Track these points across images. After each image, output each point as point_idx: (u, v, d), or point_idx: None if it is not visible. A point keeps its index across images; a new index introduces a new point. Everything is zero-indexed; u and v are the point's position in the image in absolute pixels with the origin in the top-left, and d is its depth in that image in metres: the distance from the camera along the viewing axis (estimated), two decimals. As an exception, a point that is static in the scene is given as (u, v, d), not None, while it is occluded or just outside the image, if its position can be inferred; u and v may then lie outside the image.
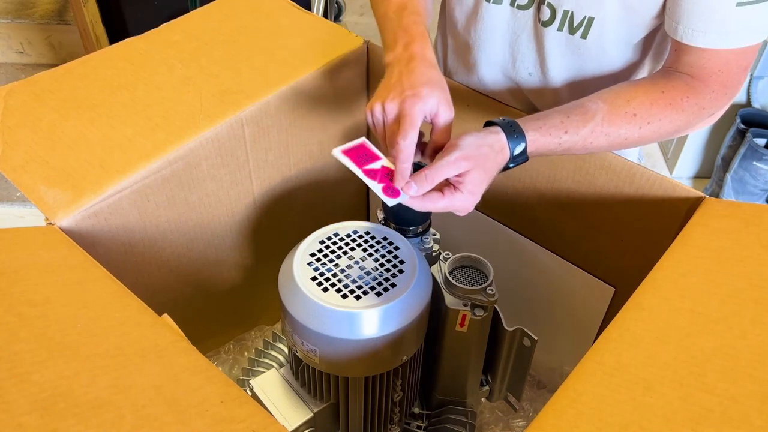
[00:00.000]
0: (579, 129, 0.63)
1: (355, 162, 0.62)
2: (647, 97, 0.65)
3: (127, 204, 0.69)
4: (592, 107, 0.65)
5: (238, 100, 0.78)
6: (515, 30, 0.78)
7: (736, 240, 0.61)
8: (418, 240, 0.74)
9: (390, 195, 0.61)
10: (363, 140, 0.64)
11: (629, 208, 0.75)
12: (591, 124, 0.64)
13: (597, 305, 0.84)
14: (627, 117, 0.65)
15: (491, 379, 0.80)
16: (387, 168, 0.62)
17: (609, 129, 0.64)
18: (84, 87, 0.79)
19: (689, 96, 0.66)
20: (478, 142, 0.61)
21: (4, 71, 2.20)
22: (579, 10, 0.71)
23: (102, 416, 0.43)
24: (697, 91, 0.66)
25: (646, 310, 0.54)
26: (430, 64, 0.64)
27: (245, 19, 0.93)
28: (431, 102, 0.61)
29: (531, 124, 0.63)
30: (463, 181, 0.59)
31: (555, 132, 0.63)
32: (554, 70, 0.79)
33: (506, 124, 0.63)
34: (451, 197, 0.60)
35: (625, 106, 0.65)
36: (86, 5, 1.82)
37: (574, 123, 0.64)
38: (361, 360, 0.63)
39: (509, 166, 0.63)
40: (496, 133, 0.62)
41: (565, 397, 0.46)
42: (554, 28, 0.74)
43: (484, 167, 0.60)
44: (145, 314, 0.53)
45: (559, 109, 0.66)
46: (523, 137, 0.62)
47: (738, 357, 0.48)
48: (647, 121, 0.65)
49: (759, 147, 1.77)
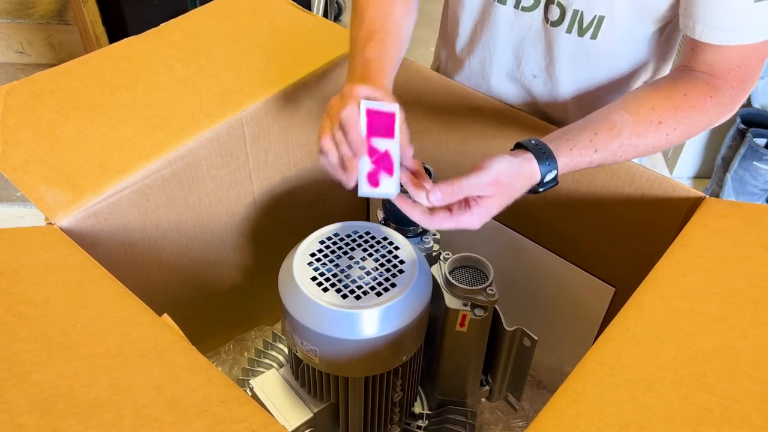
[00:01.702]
0: (608, 146, 0.63)
1: (368, 128, 0.57)
2: (671, 102, 0.65)
3: (127, 204, 0.69)
4: (618, 120, 0.63)
5: (238, 100, 0.78)
6: (519, 32, 0.77)
7: (736, 240, 0.61)
8: (418, 240, 0.74)
9: (370, 182, 0.56)
10: (395, 109, 0.59)
11: (629, 208, 0.75)
12: (619, 139, 0.63)
13: (597, 305, 0.84)
14: (653, 126, 0.64)
15: (491, 379, 0.80)
16: (389, 153, 0.58)
17: (637, 141, 0.64)
18: (84, 87, 0.79)
19: (711, 96, 0.65)
20: (511, 170, 0.59)
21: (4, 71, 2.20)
22: (589, 9, 0.71)
23: (102, 416, 0.43)
24: (718, 90, 0.65)
25: (646, 310, 0.54)
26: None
27: (245, 19, 0.93)
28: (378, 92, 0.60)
29: (561, 146, 0.62)
30: (480, 203, 0.58)
31: (585, 152, 0.62)
32: (560, 71, 0.78)
33: (538, 149, 0.61)
34: (458, 217, 0.58)
35: (650, 114, 0.64)
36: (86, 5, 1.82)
37: (602, 140, 0.63)
38: (361, 360, 0.63)
39: (538, 190, 0.62)
40: (529, 161, 0.60)
41: (565, 397, 0.46)
42: (563, 29, 0.74)
43: (506, 195, 0.59)
44: (145, 314, 0.53)
45: (586, 125, 0.64)
46: (554, 163, 0.61)
47: (738, 357, 0.48)
48: (673, 128, 0.64)
49: (759, 147, 1.77)
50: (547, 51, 0.77)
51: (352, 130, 0.57)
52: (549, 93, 0.82)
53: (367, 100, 0.58)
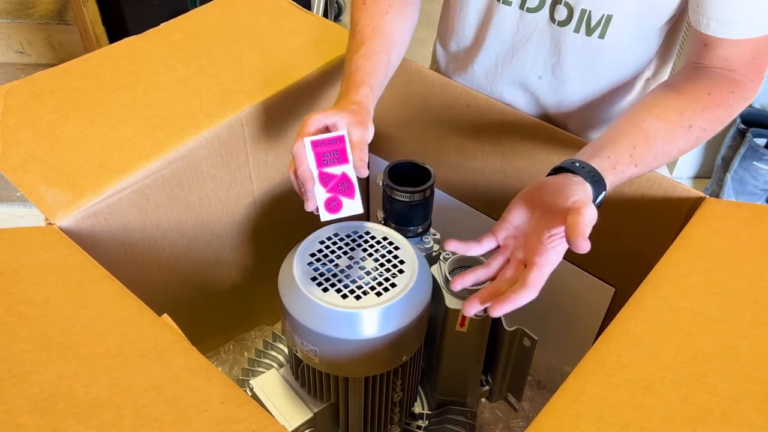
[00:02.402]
0: (645, 158, 0.62)
1: (317, 159, 0.60)
2: (698, 103, 0.64)
3: (127, 204, 0.69)
4: (651, 129, 0.62)
5: (238, 100, 0.78)
6: (524, 33, 0.77)
7: (736, 240, 0.61)
8: (418, 240, 0.74)
9: (329, 209, 0.59)
10: (342, 134, 0.61)
11: (630, 208, 0.75)
12: (654, 149, 0.62)
13: (597, 305, 0.84)
14: (684, 130, 0.63)
15: (491, 379, 0.80)
16: (346, 176, 0.61)
17: (669, 147, 0.63)
18: (84, 87, 0.79)
19: (734, 90, 0.65)
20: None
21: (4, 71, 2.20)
22: (597, 9, 0.71)
23: (102, 416, 0.43)
24: (739, 83, 0.65)
25: (646, 310, 0.53)
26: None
27: (245, 19, 0.93)
28: (333, 117, 0.61)
29: (605, 166, 0.59)
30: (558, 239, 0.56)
31: (627, 169, 0.60)
32: (566, 71, 0.78)
33: (586, 171, 0.58)
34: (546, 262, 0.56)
35: (680, 120, 0.63)
36: (86, 5, 1.82)
37: (641, 154, 0.61)
38: (361, 360, 0.63)
39: None
40: (582, 184, 0.56)
41: (565, 397, 0.46)
42: (570, 29, 0.73)
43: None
44: (145, 314, 0.53)
45: (620, 138, 0.62)
46: (603, 186, 0.58)
47: (738, 357, 0.48)
48: (703, 129, 0.64)
49: (759, 147, 1.77)
50: (554, 51, 0.77)
51: (299, 166, 0.60)
52: (553, 94, 0.81)
53: (309, 137, 0.60)
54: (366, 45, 0.72)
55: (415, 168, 0.73)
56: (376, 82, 0.69)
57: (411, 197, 0.70)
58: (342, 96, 0.67)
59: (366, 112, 0.65)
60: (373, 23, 0.74)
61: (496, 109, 0.81)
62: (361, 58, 0.71)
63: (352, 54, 0.72)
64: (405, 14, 0.77)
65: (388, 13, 0.74)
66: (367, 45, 0.72)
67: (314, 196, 0.61)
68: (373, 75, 0.69)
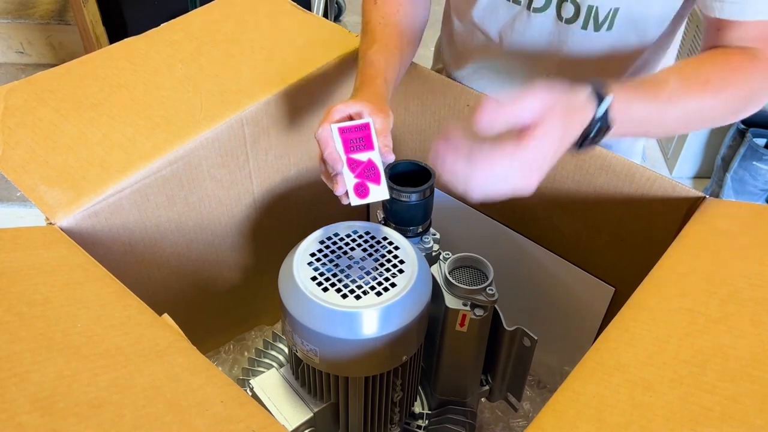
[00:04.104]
0: (658, 92, 0.58)
1: (345, 145, 0.61)
2: (713, 66, 0.63)
3: (127, 204, 0.69)
4: (662, 77, 0.60)
5: (238, 100, 0.78)
6: (531, 32, 0.77)
7: (736, 240, 0.61)
8: (418, 240, 0.74)
9: (358, 194, 0.60)
10: (368, 122, 0.62)
11: (629, 208, 0.75)
12: (668, 89, 0.58)
13: (597, 305, 0.84)
14: (700, 84, 0.60)
15: (491, 379, 0.80)
16: (372, 163, 0.62)
17: (686, 98, 0.60)
18: (84, 87, 0.79)
19: (752, 61, 0.63)
20: (562, 91, 0.51)
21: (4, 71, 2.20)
22: (604, 4, 0.70)
23: (102, 416, 0.43)
24: (757, 56, 0.63)
25: (646, 310, 0.53)
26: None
27: (245, 19, 0.93)
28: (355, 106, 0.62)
29: (611, 82, 0.55)
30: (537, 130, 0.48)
31: (639, 90, 0.56)
32: (574, 69, 0.78)
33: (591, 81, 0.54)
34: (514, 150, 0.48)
35: (696, 75, 0.61)
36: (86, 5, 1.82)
37: (651, 85, 0.58)
38: (361, 360, 0.63)
39: (589, 134, 0.53)
40: (581, 87, 0.53)
41: (565, 397, 0.46)
42: (578, 26, 0.73)
43: (563, 125, 0.49)
44: (145, 314, 0.53)
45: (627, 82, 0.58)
46: (602, 86, 0.53)
47: (738, 357, 0.48)
48: (720, 88, 0.61)
49: (759, 147, 1.77)
50: (561, 49, 0.77)
51: (326, 148, 0.61)
52: None
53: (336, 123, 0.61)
54: (379, 41, 0.73)
55: (415, 168, 0.73)
56: (390, 76, 0.70)
57: (411, 197, 0.70)
58: (358, 90, 0.68)
59: (384, 101, 0.66)
60: (384, 21, 0.75)
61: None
62: (375, 53, 0.71)
63: (366, 50, 0.72)
64: (416, 11, 0.77)
65: (398, 12, 0.75)
66: (380, 41, 0.73)
67: (344, 179, 0.62)
68: (387, 69, 0.70)
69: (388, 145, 0.62)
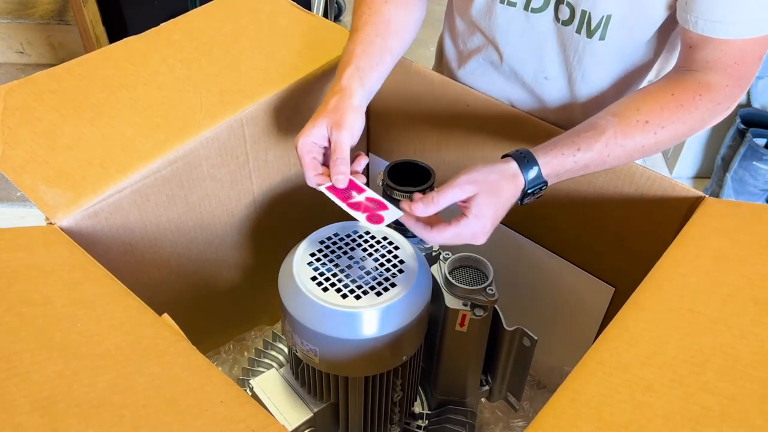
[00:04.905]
0: (592, 144, 0.63)
1: (339, 197, 0.63)
2: (656, 102, 0.65)
3: (127, 204, 0.69)
4: (602, 123, 0.65)
5: (238, 100, 0.78)
6: (530, 33, 0.77)
7: (736, 240, 0.61)
8: (418, 240, 0.74)
9: (373, 222, 0.62)
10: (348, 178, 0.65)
11: (629, 208, 0.75)
12: (603, 137, 0.63)
13: (597, 305, 0.84)
14: (639, 125, 0.64)
15: (491, 379, 0.80)
16: (371, 198, 0.64)
17: (623, 141, 0.64)
18: (84, 87, 0.79)
19: (701, 94, 0.65)
20: (486, 169, 0.62)
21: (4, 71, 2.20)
22: (596, 10, 0.71)
23: (102, 416, 0.43)
24: (710, 87, 0.65)
25: (646, 310, 0.54)
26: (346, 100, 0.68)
27: (245, 19, 0.93)
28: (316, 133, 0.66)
29: (542, 149, 0.64)
30: (468, 205, 0.60)
31: (567, 151, 0.63)
32: (572, 71, 0.78)
33: (517, 153, 0.64)
34: (457, 225, 0.60)
35: (635, 115, 0.64)
36: (86, 5, 1.82)
37: (585, 140, 0.64)
38: (361, 360, 0.63)
39: (527, 192, 0.63)
40: (507, 162, 0.63)
41: (565, 397, 0.46)
42: (573, 29, 0.73)
43: (492, 192, 0.60)
44: (145, 314, 0.53)
45: (570, 131, 0.66)
46: (534, 162, 0.62)
47: (738, 357, 0.48)
48: (661, 126, 0.64)
49: (759, 147, 1.77)
50: (560, 51, 0.77)
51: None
52: (559, 95, 0.81)
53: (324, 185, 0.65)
54: (360, 31, 0.73)
55: (415, 168, 0.73)
56: (366, 63, 0.70)
57: (411, 197, 0.70)
58: (331, 85, 0.70)
59: (346, 103, 0.67)
60: (370, 11, 0.75)
61: (496, 109, 0.81)
62: (353, 43, 0.72)
63: (347, 42, 0.74)
64: (407, 5, 0.77)
65: (387, 2, 0.75)
66: (360, 31, 0.73)
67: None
68: (362, 57, 0.71)
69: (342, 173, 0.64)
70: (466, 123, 0.85)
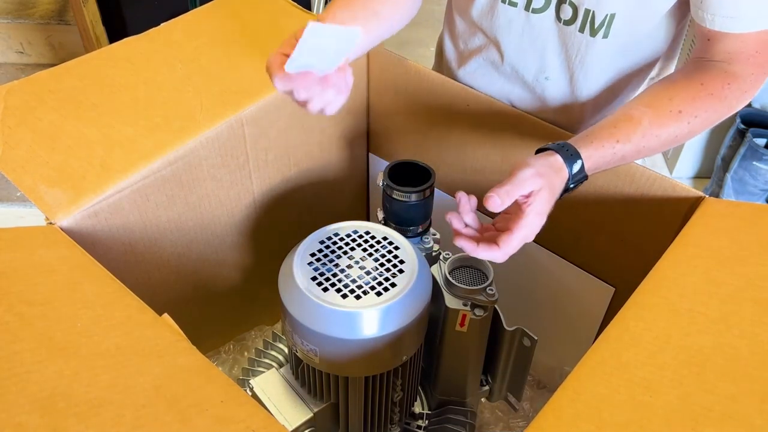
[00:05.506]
0: (630, 136, 0.63)
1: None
2: (687, 92, 0.65)
3: (127, 204, 0.69)
4: (636, 114, 0.64)
5: (238, 100, 0.78)
6: (531, 33, 0.77)
7: (736, 240, 0.61)
8: (418, 240, 0.74)
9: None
10: None
11: (629, 208, 0.75)
12: (640, 129, 0.63)
13: (597, 305, 0.84)
14: (673, 115, 0.64)
15: (491, 379, 0.80)
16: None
17: (659, 131, 0.64)
18: (84, 87, 0.79)
19: (730, 83, 0.65)
20: (541, 162, 0.61)
21: (4, 71, 2.20)
22: (600, 8, 0.71)
23: (102, 416, 0.43)
24: (737, 76, 0.65)
25: (646, 310, 0.54)
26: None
27: (245, 19, 0.93)
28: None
29: (582, 141, 0.63)
30: (531, 201, 0.58)
31: (607, 144, 0.63)
32: (574, 71, 0.78)
33: (559, 146, 0.63)
34: (519, 228, 0.58)
35: (668, 105, 0.64)
36: (86, 5, 1.82)
37: (623, 131, 0.63)
38: (361, 360, 0.63)
39: (569, 186, 0.62)
40: (553, 155, 0.62)
41: (565, 397, 0.46)
42: (576, 28, 0.73)
43: (550, 188, 0.60)
44: (145, 314, 0.53)
45: (603, 123, 0.65)
46: (578, 155, 0.62)
47: (738, 357, 0.48)
48: (694, 116, 0.65)
49: (759, 147, 1.78)
50: (561, 51, 0.77)
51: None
52: (560, 94, 0.81)
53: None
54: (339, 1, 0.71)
55: (415, 168, 0.73)
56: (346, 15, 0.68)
57: (411, 197, 0.71)
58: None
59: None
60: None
61: (496, 109, 0.81)
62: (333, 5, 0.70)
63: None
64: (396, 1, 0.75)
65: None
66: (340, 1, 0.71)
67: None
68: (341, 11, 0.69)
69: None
70: (466, 123, 0.85)
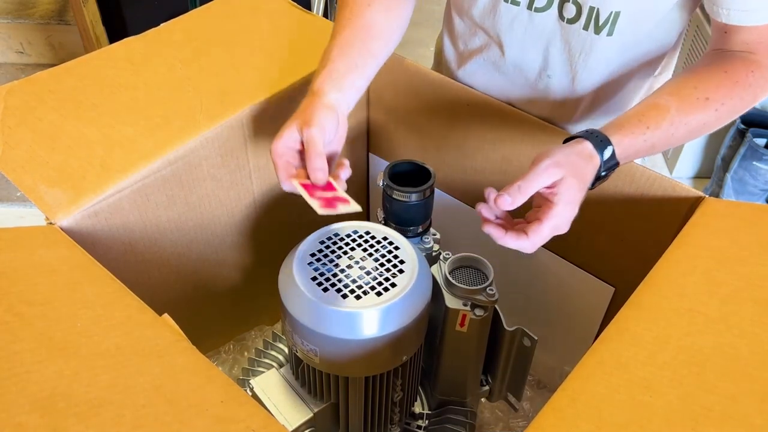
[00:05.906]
0: (660, 123, 0.63)
1: (307, 190, 0.62)
2: (711, 80, 0.65)
3: (127, 204, 0.69)
4: (663, 102, 0.64)
5: (238, 100, 0.78)
6: (533, 32, 0.77)
7: (736, 240, 0.61)
8: (418, 240, 0.74)
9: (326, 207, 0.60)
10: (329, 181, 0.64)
11: (629, 208, 0.75)
12: (669, 116, 0.63)
13: (597, 305, 0.84)
14: (700, 102, 0.64)
15: (491, 379, 0.80)
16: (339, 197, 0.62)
17: (687, 118, 0.64)
18: (84, 87, 0.79)
19: (753, 71, 0.65)
20: (564, 151, 0.60)
21: (4, 71, 2.20)
22: (605, 6, 0.71)
23: (102, 416, 0.43)
24: (760, 65, 0.65)
25: (646, 310, 0.54)
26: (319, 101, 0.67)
27: (245, 19, 0.93)
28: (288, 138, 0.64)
29: (611, 129, 0.62)
30: (557, 191, 0.57)
31: (638, 130, 0.62)
32: (577, 69, 0.77)
33: (588, 133, 0.62)
34: (549, 218, 0.57)
35: (694, 93, 0.64)
36: (86, 5, 1.82)
37: (652, 119, 0.63)
38: (361, 360, 0.63)
39: (601, 174, 0.62)
40: (582, 143, 0.61)
41: (565, 397, 0.46)
42: (580, 26, 0.73)
43: (576, 174, 0.58)
44: (145, 314, 0.53)
45: (630, 112, 0.65)
46: (608, 141, 0.61)
47: (738, 357, 0.48)
48: (721, 103, 0.64)
49: (759, 147, 1.78)
50: (564, 49, 0.77)
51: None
52: (561, 92, 0.81)
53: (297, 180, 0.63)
54: (339, 35, 0.72)
55: (415, 168, 0.73)
56: (342, 65, 0.70)
57: (411, 197, 0.71)
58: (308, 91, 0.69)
59: (316, 103, 0.66)
60: (351, 15, 0.74)
61: (496, 109, 0.81)
62: (330, 46, 0.71)
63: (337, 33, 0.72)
64: (390, 9, 0.75)
65: (370, 6, 0.74)
66: (339, 34, 0.72)
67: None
68: (338, 59, 0.70)
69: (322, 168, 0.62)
70: (466, 123, 0.85)
